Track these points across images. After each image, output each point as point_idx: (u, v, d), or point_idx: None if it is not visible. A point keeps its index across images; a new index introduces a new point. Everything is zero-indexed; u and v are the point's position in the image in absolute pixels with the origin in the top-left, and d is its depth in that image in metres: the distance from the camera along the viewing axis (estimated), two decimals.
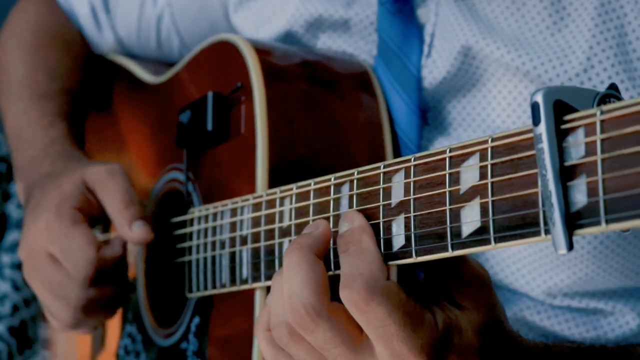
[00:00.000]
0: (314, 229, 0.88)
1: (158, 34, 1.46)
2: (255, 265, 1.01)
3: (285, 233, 0.96)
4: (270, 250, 0.98)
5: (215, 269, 1.09)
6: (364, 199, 0.87)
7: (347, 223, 0.86)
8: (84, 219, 1.18)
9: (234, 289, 1.06)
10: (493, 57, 1.09)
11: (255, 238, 1.01)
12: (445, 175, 0.79)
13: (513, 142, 0.73)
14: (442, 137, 1.15)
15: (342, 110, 1.14)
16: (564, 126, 0.69)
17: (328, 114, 1.13)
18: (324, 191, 0.92)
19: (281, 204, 0.97)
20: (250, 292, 1.04)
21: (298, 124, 1.10)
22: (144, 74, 1.42)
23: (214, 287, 1.10)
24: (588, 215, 0.67)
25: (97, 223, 1.25)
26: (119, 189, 1.17)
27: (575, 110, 0.70)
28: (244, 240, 1.03)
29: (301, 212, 0.94)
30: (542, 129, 0.69)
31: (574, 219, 0.68)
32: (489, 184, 0.75)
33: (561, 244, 0.68)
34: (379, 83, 1.18)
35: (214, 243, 1.10)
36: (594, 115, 0.67)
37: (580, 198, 0.67)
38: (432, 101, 1.16)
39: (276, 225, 0.97)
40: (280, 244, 0.97)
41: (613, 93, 0.71)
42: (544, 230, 0.70)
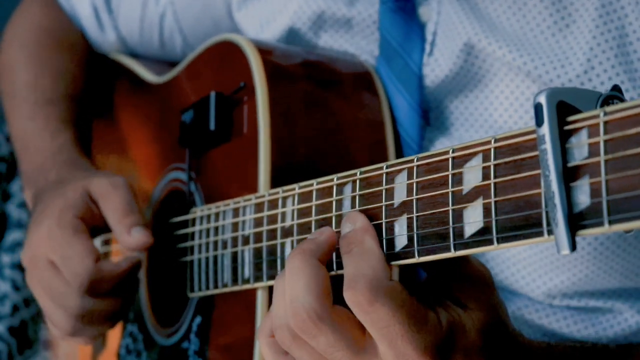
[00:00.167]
0: (318, 235, 0.88)
1: (161, 33, 1.46)
2: (257, 265, 1.01)
3: (287, 233, 0.96)
4: (272, 250, 0.99)
5: (217, 269, 1.09)
6: (366, 200, 0.87)
7: (350, 224, 0.86)
8: (85, 229, 1.18)
9: (236, 288, 1.06)
10: (495, 56, 1.10)
11: (258, 238, 1.01)
12: (448, 175, 0.79)
13: (516, 143, 0.73)
14: (444, 137, 1.15)
15: (345, 110, 1.14)
16: (567, 127, 0.69)
17: (331, 114, 1.13)
18: (326, 191, 0.92)
19: (283, 204, 0.97)
20: (252, 292, 1.04)
21: (300, 124, 1.10)
22: (147, 74, 1.42)
23: (215, 287, 1.10)
24: (591, 216, 0.67)
25: (99, 234, 1.25)
26: (120, 201, 1.17)
27: (578, 111, 0.70)
28: (246, 240, 1.03)
29: (303, 212, 0.94)
30: (546, 129, 0.69)
31: (576, 219, 0.68)
32: (492, 185, 0.75)
33: (564, 245, 0.68)
34: (381, 83, 1.18)
35: (216, 243, 1.10)
36: (597, 116, 0.67)
37: (583, 199, 0.68)
38: (434, 101, 1.16)
39: (278, 225, 0.98)
40: (283, 244, 0.97)
41: (616, 94, 0.72)
42: (546, 230, 0.70)
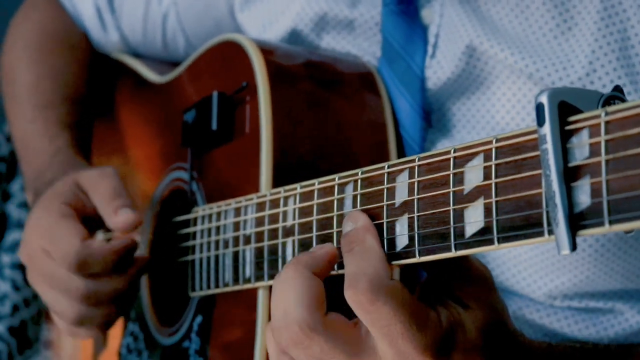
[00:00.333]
0: (317, 249, 0.89)
1: (163, 33, 1.47)
2: (259, 265, 1.01)
3: (288, 233, 0.96)
4: (273, 249, 0.99)
5: (218, 268, 1.09)
6: (367, 199, 0.87)
7: (351, 223, 0.86)
8: (72, 213, 1.18)
9: (237, 288, 1.06)
10: (497, 59, 1.10)
11: (259, 237, 1.01)
12: (449, 175, 0.79)
13: (517, 143, 0.73)
14: (446, 139, 1.15)
15: (347, 111, 1.14)
16: (569, 127, 0.69)
17: (332, 114, 1.13)
18: (327, 191, 0.92)
19: (285, 204, 0.97)
20: (253, 292, 1.05)
21: (302, 124, 1.10)
22: (150, 74, 1.43)
23: (217, 286, 1.10)
24: (591, 216, 0.67)
25: (96, 227, 1.24)
26: (107, 187, 1.18)
27: (579, 111, 0.70)
28: (247, 240, 1.03)
29: (305, 212, 0.94)
30: (547, 129, 0.69)
31: (577, 219, 0.68)
32: (493, 185, 0.75)
33: (564, 245, 0.68)
34: (384, 83, 1.18)
35: (217, 242, 1.10)
36: (598, 116, 0.67)
37: (583, 199, 0.68)
38: (436, 103, 1.16)
39: (280, 225, 0.98)
40: (284, 244, 0.97)
41: (617, 95, 0.72)
42: (547, 230, 0.70)
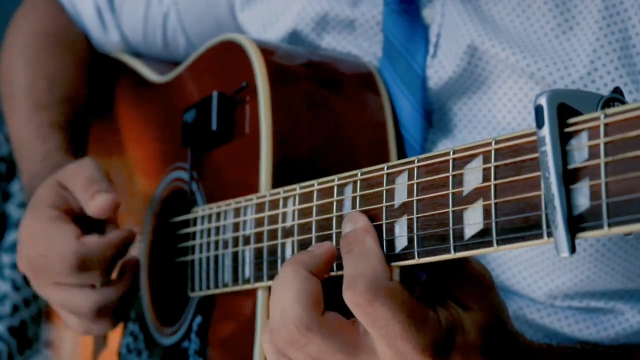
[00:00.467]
0: (315, 248, 0.88)
1: (164, 32, 1.47)
2: (258, 265, 1.01)
3: (288, 233, 0.96)
4: (272, 250, 0.99)
5: (217, 269, 1.09)
6: (367, 200, 0.87)
7: (351, 224, 0.86)
8: (60, 215, 1.17)
9: (237, 288, 1.06)
10: (499, 58, 1.10)
11: (258, 238, 1.01)
12: (448, 177, 0.79)
13: (516, 145, 0.73)
14: (447, 139, 1.15)
15: (347, 111, 1.14)
16: (568, 129, 0.69)
17: (332, 114, 1.13)
18: (327, 192, 0.92)
19: (284, 204, 0.97)
20: (253, 292, 1.05)
21: (302, 124, 1.10)
22: (150, 73, 1.43)
23: (216, 287, 1.10)
24: (590, 218, 0.67)
25: (89, 225, 1.23)
26: (84, 176, 1.17)
27: (579, 113, 0.70)
28: (246, 240, 1.03)
29: (304, 213, 0.94)
30: (546, 131, 0.69)
31: (576, 222, 0.68)
32: (492, 186, 0.75)
33: (563, 247, 0.68)
34: (384, 84, 1.18)
35: (217, 242, 1.10)
36: (597, 118, 0.67)
37: (582, 201, 0.67)
38: (437, 102, 1.16)
39: (279, 226, 0.98)
40: (283, 244, 0.97)
41: (617, 97, 0.71)
42: (546, 233, 0.70)
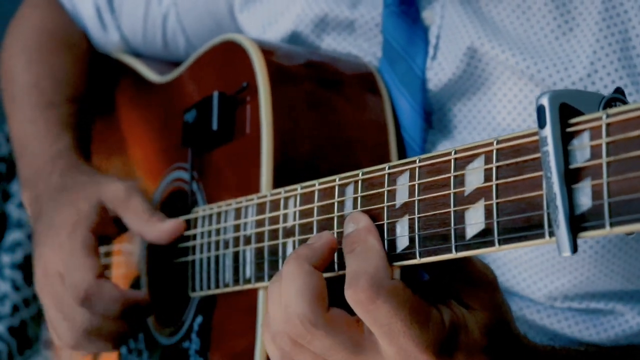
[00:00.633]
0: (316, 239, 0.88)
1: (164, 33, 1.47)
2: (259, 265, 1.01)
3: (289, 233, 0.96)
4: (274, 250, 0.99)
5: (218, 269, 1.09)
6: (368, 200, 0.87)
7: (353, 224, 0.86)
8: (94, 244, 1.20)
9: (237, 288, 1.06)
10: (498, 60, 1.10)
11: (259, 238, 1.01)
12: (450, 177, 0.79)
13: (518, 145, 0.73)
14: (446, 140, 1.15)
15: (347, 111, 1.14)
16: (570, 129, 0.69)
17: (333, 114, 1.13)
18: (328, 192, 0.92)
19: (285, 204, 0.97)
20: (254, 292, 1.05)
21: (303, 125, 1.10)
22: (150, 74, 1.43)
23: (217, 287, 1.10)
24: (592, 218, 0.67)
25: (107, 242, 1.28)
26: (141, 208, 1.19)
27: (580, 113, 0.70)
28: (247, 240, 1.03)
29: (305, 213, 0.94)
30: (548, 131, 0.69)
31: (578, 221, 0.68)
32: (494, 186, 0.75)
33: (565, 247, 0.68)
34: (384, 84, 1.18)
35: (217, 242, 1.10)
36: (599, 118, 0.67)
37: (584, 201, 0.68)
38: (437, 104, 1.16)
39: (280, 226, 0.98)
40: (284, 244, 0.97)
41: (619, 97, 0.71)
42: (548, 232, 0.70)
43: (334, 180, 0.91)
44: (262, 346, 1.04)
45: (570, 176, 0.68)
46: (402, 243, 0.83)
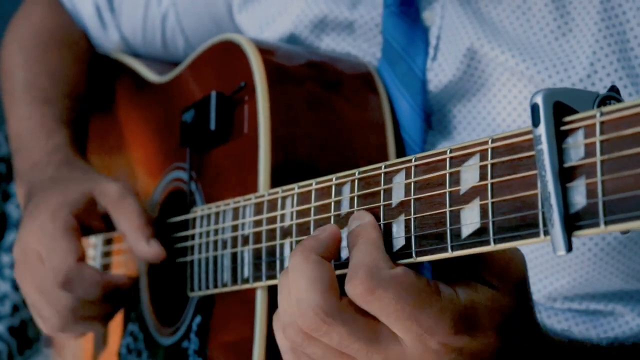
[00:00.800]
0: (320, 232, 0.87)
1: (163, 33, 1.47)
2: (257, 265, 1.01)
3: (286, 233, 0.96)
4: (271, 250, 0.99)
5: (216, 269, 1.09)
6: (364, 199, 0.87)
7: (357, 221, 0.84)
8: (76, 227, 1.20)
9: (236, 288, 1.06)
10: (498, 61, 1.10)
11: (257, 238, 1.01)
12: (445, 175, 0.79)
13: (513, 143, 0.73)
14: (446, 141, 1.15)
15: (346, 111, 1.14)
16: (564, 127, 0.69)
17: (331, 114, 1.13)
18: (325, 191, 0.92)
19: (283, 204, 0.97)
20: (252, 292, 1.05)
21: (301, 124, 1.10)
22: (149, 73, 1.43)
23: (215, 287, 1.10)
24: (587, 216, 0.67)
25: (91, 233, 1.28)
26: (133, 209, 1.20)
27: (575, 111, 0.69)
28: (245, 240, 1.03)
29: (302, 213, 0.94)
30: (542, 130, 0.69)
31: (573, 220, 0.68)
32: (489, 185, 0.75)
33: (560, 245, 0.68)
34: (383, 84, 1.18)
35: (215, 243, 1.10)
36: (593, 116, 0.67)
37: (579, 199, 0.67)
38: (437, 105, 1.16)
39: (277, 225, 0.98)
40: (282, 245, 0.97)
41: (613, 95, 0.71)
42: (543, 231, 0.70)
43: (331, 180, 0.91)
44: (261, 345, 1.04)
45: (565, 175, 0.68)
46: (399, 243, 0.83)
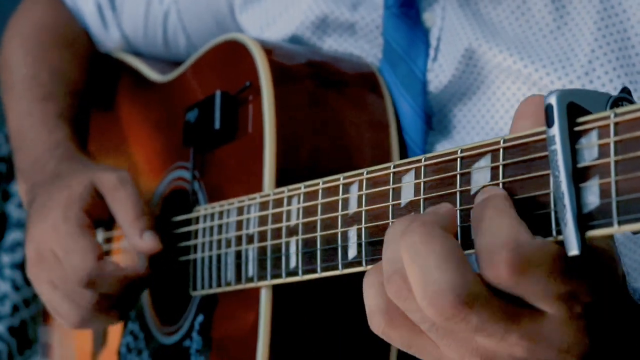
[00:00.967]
0: (437, 208, 0.76)
1: (164, 31, 1.47)
2: (262, 264, 1.01)
3: (292, 232, 0.96)
4: (277, 248, 0.99)
5: (220, 267, 1.09)
6: (372, 199, 0.87)
7: (485, 194, 0.74)
8: (89, 223, 1.20)
9: (239, 287, 1.06)
10: (495, 61, 1.10)
11: (262, 237, 1.01)
12: (456, 175, 0.79)
13: (525, 144, 0.73)
14: (446, 141, 1.16)
15: (350, 111, 1.14)
16: (577, 128, 0.69)
17: (336, 114, 1.13)
18: (332, 190, 0.92)
19: (289, 203, 0.97)
20: (255, 291, 1.05)
21: (306, 124, 1.10)
22: (151, 73, 1.43)
23: (219, 286, 1.10)
24: (600, 216, 0.67)
25: (101, 226, 1.29)
26: (129, 199, 1.19)
27: (588, 112, 0.70)
28: (250, 239, 1.03)
29: (309, 212, 0.94)
30: (556, 130, 0.69)
31: (586, 220, 0.68)
32: (500, 185, 0.75)
33: (573, 245, 0.68)
34: (386, 84, 1.18)
35: (219, 241, 1.10)
36: (607, 117, 0.67)
37: (592, 199, 0.68)
38: (437, 105, 1.16)
39: (283, 224, 0.98)
40: (287, 243, 0.97)
41: (625, 96, 0.72)
42: (555, 231, 0.71)
43: (338, 179, 0.91)
44: (264, 345, 1.04)
45: (578, 175, 0.69)
46: None
